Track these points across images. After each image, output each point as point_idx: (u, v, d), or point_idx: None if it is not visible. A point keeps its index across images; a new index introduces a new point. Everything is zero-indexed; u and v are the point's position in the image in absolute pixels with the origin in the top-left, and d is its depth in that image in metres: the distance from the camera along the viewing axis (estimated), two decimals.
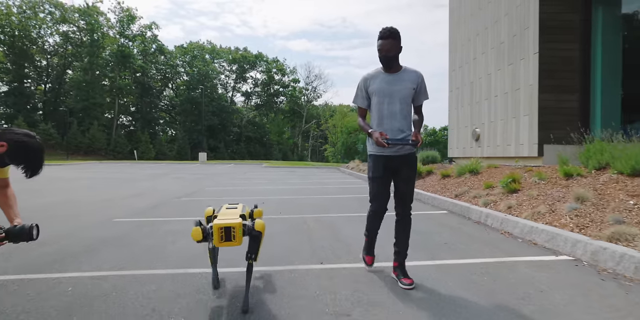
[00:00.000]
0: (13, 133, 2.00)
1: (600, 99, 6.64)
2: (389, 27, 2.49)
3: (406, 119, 2.56)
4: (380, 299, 2.24)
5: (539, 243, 3.55)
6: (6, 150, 1.97)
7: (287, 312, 2.08)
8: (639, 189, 3.91)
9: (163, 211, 5.71)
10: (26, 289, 2.42)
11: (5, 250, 3.14)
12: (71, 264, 2.95)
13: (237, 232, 2.13)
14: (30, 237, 1.98)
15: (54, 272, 2.76)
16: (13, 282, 2.55)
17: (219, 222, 2.12)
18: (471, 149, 9.40)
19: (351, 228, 4.35)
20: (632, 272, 2.56)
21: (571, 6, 6.72)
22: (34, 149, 2.02)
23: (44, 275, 2.69)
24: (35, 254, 3.22)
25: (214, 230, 2.10)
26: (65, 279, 2.59)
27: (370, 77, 2.61)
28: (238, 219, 2.19)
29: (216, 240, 2.10)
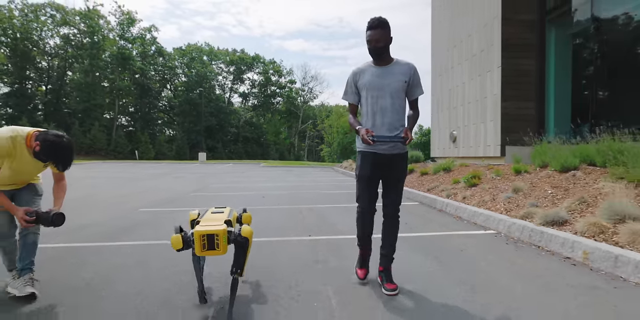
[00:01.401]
0: (46, 134, 2.33)
1: (553, 107, 7.72)
2: (378, 16, 2.35)
3: (398, 114, 2.40)
4: (350, 253, 3.28)
5: (478, 223, 4.60)
6: (40, 148, 2.29)
7: (281, 260, 3.11)
8: (560, 182, 4.97)
9: (177, 204, 6.73)
10: (101, 250, 3.45)
11: (78, 227, 4.17)
12: (122, 237, 3.98)
13: (222, 239, 1.96)
14: (51, 224, 2.31)
15: (114, 241, 3.79)
16: (90, 247, 3.57)
17: (201, 229, 1.96)
18: (449, 149, 10.47)
19: (338, 215, 5.39)
20: (527, 237, 3.62)
21: (528, 27, 7.78)
22: (62, 147, 2.32)
23: (109, 243, 3.72)
24: (95, 231, 4.25)
25: (195, 238, 1.94)
26: (119, 248, 3.62)
27: (360, 71, 2.46)
28: (222, 225, 2.02)
29: (198, 249, 1.95)
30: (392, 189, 2.50)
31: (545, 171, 5.75)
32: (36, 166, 2.44)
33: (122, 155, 40.95)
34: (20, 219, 2.32)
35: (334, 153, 41.37)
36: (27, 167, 2.40)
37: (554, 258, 3.11)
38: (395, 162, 2.44)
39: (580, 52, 7.24)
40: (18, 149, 2.32)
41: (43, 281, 2.51)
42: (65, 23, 43.85)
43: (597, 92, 6.79)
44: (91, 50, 43.09)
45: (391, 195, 2.50)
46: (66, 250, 3.42)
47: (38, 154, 2.31)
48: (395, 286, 2.36)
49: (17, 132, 2.33)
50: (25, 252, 2.43)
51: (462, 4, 9.69)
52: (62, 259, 3.14)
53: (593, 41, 6.84)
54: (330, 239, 3.86)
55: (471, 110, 9.17)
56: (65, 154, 2.36)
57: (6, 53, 42.06)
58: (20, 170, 2.40)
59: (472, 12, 9.05)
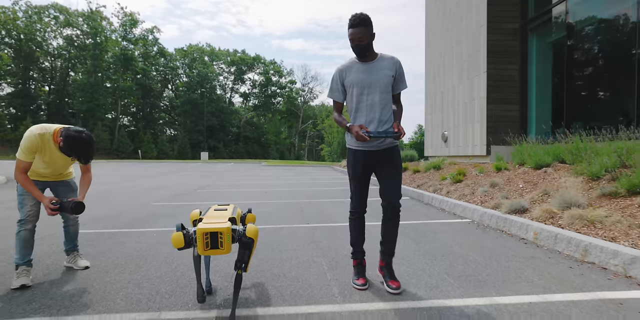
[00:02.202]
0: (68, 130, 2.52)
1: (534, 109, 8.32)
2: (359, 13, 2.34)
3: (386, 109, 2.39)
4: (340, 236, 3.88)
5: (457, 213, 5.21)
6: (63, 144, 2.49)
7: (284, 241, 3.72)
8: (532, 178, 5.57)
9: (188, 198, 7.34)
10: (130, 234, 4.06)
11: (106, 217, 4.78)
12: (144, 225, 4.59)
13: (225, 238, 1.89)
14: (72, 212, 2.56)
15: (140, 227, 4.41)
16: (121, 233, 4.19)
17: (204, 227, 1.89)
18: (441, 149, 11.07)
19: (334, 207, 6.00)
20: (494, 224, 4.23)
21: (512, 35, 8.38)
22: (81, 141, 2.49)
23: (131, 229, 4.33)
24: (120, 220, 4.87)
25: (197, 236, 1.87)
26: (142, 233, 4.23)
27: (345, 68, 2.45)
28: (226, 223, 1.95)
29: (200, 248, 1.88)
30: (390, 185, 2.41)
31: (522, 168, 6.35)
32: (66, 159, 2.68)
33: (124, 155, 41.61)
34: (47, 207, 2.58)
35: (334, 152, 41.89)
36: (58, 160, 2.67)
37: (511, 239, 3.72)
38: (388, 157, 2.42)
39: (559, 58, 7.83)
40: (47, 144, 2.57)
41: (94, 255, 3.13)
42: (69, 24, 44.50)
43: (572, 96, 7.39)
44: (94, 51, 43.74)
45: (389, 191, 2.41)
46: (103, 234, 4.04)
47: (62, 149, 2.52)
48: (399, 284, 2.33)
49: (46, 129, 2.58)
50: (69, 239, 2.93)
51: (453, 12, 10.29)
52: (103, 240, 3.75)
53: (569, 49, 7.43)
54: (325, 226, 4.47)
55: (460, 112, 9.78)
56: (85, 148, 2.51)
57: (10, 54, 42.76)
58: (52, 163, 2.66)
59: (461, 20, 9.65)
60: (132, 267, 2.88)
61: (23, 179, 2.58)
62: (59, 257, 3.10)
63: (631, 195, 3.66)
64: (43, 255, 3.20)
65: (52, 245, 3.52)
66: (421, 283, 2.49)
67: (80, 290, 2.40)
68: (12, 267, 2.70)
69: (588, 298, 2.18)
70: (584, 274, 2.60)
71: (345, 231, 3.25)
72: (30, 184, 2.59)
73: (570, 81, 7.42)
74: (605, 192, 3.90)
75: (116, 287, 2.45)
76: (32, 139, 2.52)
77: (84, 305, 2.15)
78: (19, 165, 2.56)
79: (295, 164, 28.53)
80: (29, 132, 2.56)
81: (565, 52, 7.50)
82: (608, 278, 2.51)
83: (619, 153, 4.70)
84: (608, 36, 6.76)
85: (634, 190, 3.68)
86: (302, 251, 3.33)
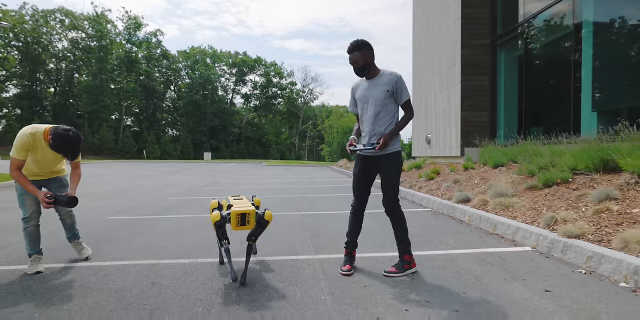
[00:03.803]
0: (56, 129, 2.67)
1: (503, 116, 9.43)
2: (354, 41, 2.65)
3: (379, 122, 2.67)
4: (325, 220, 5.00)
5: (423, 204, 6.34)
6: (51, 141, 2.63)
7: (279, 223, 4.85)
8: (488, 175, 6.69)
9: (198, 193, 8.47)
10: (154, 220, 5.20)
11: (131, 208, 5.92)
12: (165, 213, 5.73)
13: (252, 218, 2.47)
14: (65, 205, 2.73)
15: (164, 214, 5.54)
16: (147, 219, 5.33)
17: (237, 210, 2.45)
18: (426, 150, 12.19)
19: (325, 200, 7.13)
20: (446, 211, 5.36)
21: (483, 50, 9.50)
22: (67, 139, 2.64)
23: (161, 216, 5.47)
24: (142, 211, 6.00)
25: (232, 216, 2.43)
26: (169, 218, 5.37)
27: (356, 85, 2.83)
28: (252, 207, 2.53)
29: (233, 225, 2.45)
30: (384, 186, 2.78)
31: (485, 167, 7.47)
32: (57, 156, 2.86)
33: (129, 155, 42.74)
34: (42, 200, 2.75)
35: (334, 152, 42.84)
36: (49, 158, 2.85)
37: (453, 221, 4.85)
38: (382, 162, 2.73)
39: (523, 71, 8.93)
40: (38, 143, 2.74)
41: (140, 231, 4.27)
42: (74, 27, 45.63)
43: (528, 104, 8.50)
44: (99, 54, 44.89)
45: (385, 188, 2.77)
46: (134, 220, 5.18)
47: (52, 146, 2.68)
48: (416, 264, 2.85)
49: (36, 128, 2.75)
50: (68, 228, 3.23)
51: (435, 28, 11.41)
52: (136, 225, 4.90)
53: (526, 63, 8.55)
54: (313, 213, 5.60)
55: (441, 117, 10.90)
56: (72, 146, 2.68)
57: (17, 56, 43.98)
58: (43, 161, 2.84)
59: (442, 35, 10.77)
60: (171, 237, 4.01)
61: (17, 175, 2.79)
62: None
63: (544, 188, 4.78)
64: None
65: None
66: (374, 245, 3.62)
67: (149, 245, 3.54)
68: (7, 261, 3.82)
69: (476, 251, 3.31)
70: (485, 240, 3.73)
71: (329, 217, 4.38)
72: (25, 180, 2.79)
73: (526, 91, 8.55)
74: (529, 185, 5.02)
75: (164, 246, 3.58)
76: (24, 138, 2.70)
77: (162, 248, 3.28)
78: (13, 163, 2.76)
79: (295, 164, 29.63)
80: (21, 132, 2.75)
81: (523, 66, 8.62)
82: (499, 242, 3.64)
83: (553, 155, 5.83)
84: (552, 55, 7.86)
85: (547, 184, 4.80)
86: (292, 228, 4.46)
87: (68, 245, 3.34)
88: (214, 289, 2.45)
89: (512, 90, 9.26)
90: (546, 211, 3.94)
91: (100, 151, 41.97)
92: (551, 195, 4.45)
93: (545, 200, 4.35)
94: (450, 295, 2.31)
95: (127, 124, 51.26)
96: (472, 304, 2.17)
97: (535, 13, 8.04)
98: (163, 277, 2.69)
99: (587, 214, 3.56)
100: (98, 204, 6.55)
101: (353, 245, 2.96)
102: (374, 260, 3.15)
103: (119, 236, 4.06)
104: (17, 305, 2.20)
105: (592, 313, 2.03)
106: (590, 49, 6.58)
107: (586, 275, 2.63)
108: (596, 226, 3.23)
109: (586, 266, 2.77)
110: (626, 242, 2.70)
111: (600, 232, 3.10)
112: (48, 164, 2.91)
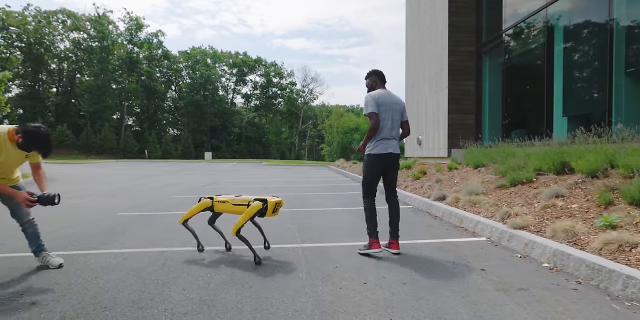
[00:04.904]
0: (25, 127, 2.68)
1: (488, 118, 9.97)
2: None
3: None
4: (314, 215, 5.55)
5: (407, 202, 6.89)
6: (23, 139, 2.62)
7: (273, 219, 5.40)
8: (467, 175, 7.23)
9: (200, 192, 9.03)
10: (163, 216, 5.75)
11: (138, 205, 6.48)
12: (171, 209, 6.28)
13: (279, 207, 3.26)
14: (52, 203, 2.73)
15: (169, 211, 6.10)
16: (156, 215, 5.89)
17: (273, 200, 3.20)
18: (417, 151, 12.73)
19: (315, 198, 7.68)
20: (424, 208, 5.91)
21: (469, 57, 10.04)
22: (42, 135, 2.63)
23: (167, 212, 6.02)
24: (157, 205, 6.56)
25: (269, 205, 3.12)
26: (174, 214, 5.93)
27: None
28: (280, 198, 3.30)
29: (270, 211, 3.15)
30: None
31: (467, 168, 8.01)
32: (19, 158, 2.83)
33: (130, 155, 43.31)
34: (24, 200, 2.71)
35: (334, 152, 43.26)
36: (12, 159, 2.80)
37: (429, 216, 5.40)
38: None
39: (506, 76, 9.47)
40: (2, 144, 2.69)
41: (146, 225, 4.83)
42: (76, 28, 46.21)
43: (514, 108, 9.04)
44: (101, 55, 45.45)
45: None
46: (142, 216, 5.74)
47: (22, 145, 2.64)
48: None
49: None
50: (32, 240, 3.06)
51: (425, 34, 11.95)
52: (144, 220, 5.46)
53: (512, 69, 9.09)
54: (304, 210, 6.15)
55: (430, 119, 11.44)
56: (46, 142, 2.69)
57: (20, 57, 44.60)
58: (6, 163, 2.80)
59: (431, 42, 11.31)
60: (176, 230, 4.57)
61: None
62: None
63: (511, 187, 5.32)
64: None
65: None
66: (353, 236, 4.18)
67: (158, 236, 4.09)
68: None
69: (438, 241, 3.87)
70: (450, 232, 4.29)
71: (317, 213, 4.90)
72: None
73: (509, 96, 9.09)
74: (498, 184, 5.57)
75: (171, 237, 4.13)
76: None
77: (169, 238, 3.83)
78: None
79: (295, 164, 30.19)
80: None
81: (506, 72, 9.16)
82: (461, 233, 4.20)
83: (526, 157, 6.36)
84: (529, 62, 8.39)
85: (513, 183, 5.34)
86: (283, 222, 5.01)
87: (90, 235, 3.89)
88: (213, 269, 3.00)
89: (497, 94, 9.79)
90: (505, 207, 4.49)
91: (102, 151, 42.56)
92: (514, 193, 5.00)
93: (508, 198, 4.90)
94: (404, 273, 2.87)
95: (129, 123, 51.87)
96: (419, 279, 2.72)
97: (515, 23, 8.58)
98: (172, 260, 3.25)
99: (536, 209, 4.11)
100: (107, 202, 7.09)
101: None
102: (348, 248, 3.69)
103: (131, 229, 4.62)
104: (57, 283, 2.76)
105: (510, 284, 2.58)
106: (560, 57, 7.12)
107: (520, 259, 3.18)
108: (540, 219, 3.78)
109: (523, 251, 3.32)
110: (555, 231, 3.25)
111: (541, 224, 3.66)
112: (11, 166, 2.87)
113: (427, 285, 2.58)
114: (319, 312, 2.16)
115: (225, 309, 2.22)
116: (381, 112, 3.45)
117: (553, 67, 7.30)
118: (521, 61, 8.93)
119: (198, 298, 2.39)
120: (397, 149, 3.60)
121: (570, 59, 7.01)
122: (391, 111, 3.50)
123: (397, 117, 3.56)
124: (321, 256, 3.38)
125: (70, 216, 5.46)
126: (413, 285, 2.59)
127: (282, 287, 2.57)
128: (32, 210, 2.99)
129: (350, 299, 2.34)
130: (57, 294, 2.48)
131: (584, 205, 3.79)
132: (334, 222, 5.04)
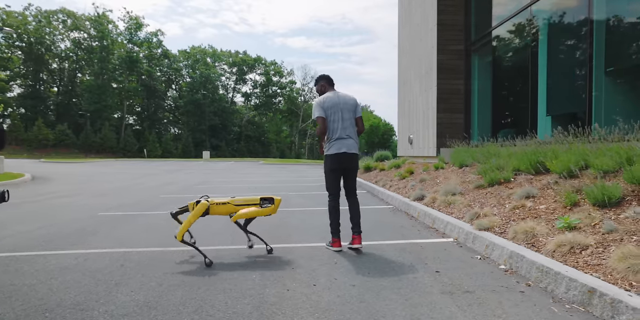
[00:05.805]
0: None
1: (476, 118, 9.93)
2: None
3: None
4: (295, 215, 5.54)
5: (389, 202, 6.87)
6: None
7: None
8: (451, 174, 7.20)
9: (194, 190, 9.05)
10: (142, 216, 5.77)
11: (132, 203, 6.50)
12: (165, 208, 6.30)
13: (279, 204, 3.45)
14: (2, 199, 2.63)
15: (161, 210, 6.12)
16: (137, 215, 5.91)
17: (278, 198, 3.42)
18: (408, 150, 12.70)
19: (297, 198, 7.68)
20: (403, 208, 5.89)
21: (458, 55, 9.99)
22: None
23: (152, 212, 6.04)
24: (154, 203, 6.58)
25: (276, 203, 3.36)
26: (156, 214, 5.94)
27: None
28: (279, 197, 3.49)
29: (275, 209, 3.36)
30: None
31: (452, 167, 7.98)
32: None
33: (130, 154, 43.47)
34: None
35: None
36: None
37: (406, 217, 5.39)
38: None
39: (495, 75, 9.43)
40: None
41: (110, 230, 4.84)
42: (76, 28, 46.36)
43: (502, 107, 9.00)
44: (101, 54, 45.59)
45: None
46: (123, 216, 5.76)
47: None
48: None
49: None
50: None
51: (416, 32, 11.90)
52: (123, 220, 5.48)
53: (499, 68, 9.04)
54: (282, 210, 6.15)
55: (421, 118, 11.41)
56: (2, 134, 2.62)
57: (21, 57, 44.78)
58: None
59: (421, 41, 11.26)
60: (150, 230, 4.57)
61: None
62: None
63: (489, 187, 5.30)
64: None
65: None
66: (322, 237, 4.17)
67: (128, 236, 4.10)
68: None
69: (404, 242, 3.86)
70: (421, 233, 4.28)
71: (294, 213, 4.90)
72: None
73: (497, 95, 9.05)
74: (477, 184, 5.54)
75: (141, 237, 4.14)
76: None
77: (138, 239, 3.85)
78: None
79: (291, 163, 30.17)
80: None
81: (494, 71, 9.12)
82: (432, 234, 4.19)
83: (509, 156, 6.33)
84: (515, 62, 8.34)
85: (491, 183, 5.32)
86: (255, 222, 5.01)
87: (62, 235, 3.91)
88: (169, 270, 3.01)
89: (486, 93, 9.75)
90: (477, 208, 4.47)
91: (102, 150, 42.73)
92: (490, 194, 4.98)
93: (483, 198, 4.88)
94: (357, 275, 2.86)
95: (129, 122, 52.04)
96: (369, 281, 2.71)
97: (501, 22, 8.53)
98: (131, 261, 3.26)
99: (505, 210, 4.09)
100: (96, 202, 7.10)
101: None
102: (314, 249, 3.69)
103: (104, 229, 4.63)
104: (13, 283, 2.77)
105: (459, 287, 2.56)
106: (545, 56, 7.08)
107: (480, 260, 3.17)
108: (506, 220, 3.77)
109: (484, 253, 3.31)
110: (516, 233, 3.24)
111: (506, 225, 3.64)
112: None
113: (375, 288, 2.57)
114: (257, 314, 2.16)
115: (166, 310, 2.22)
116: (330, 115, 3.53)
117: (537, 66, 7.25)
118: (509, 60, 8.89)
119: (143, 299, 2.39)
120: (353, 148, 3.61)
121: (553, 57, 6.97)
122: (340, 111, 3.55)
123: (348, 116, 3.59)
124: (282, 257, 3.38)
125: (52, 216, 5.49)
126: (361, 288, 2.58)
127: (230, 289, 2.57)
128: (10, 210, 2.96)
129: (293, 302, 2.34)
130: (5, 295, 2.49)
131: (551, 206, 3.77)
132: (308, 222, 5.03)
